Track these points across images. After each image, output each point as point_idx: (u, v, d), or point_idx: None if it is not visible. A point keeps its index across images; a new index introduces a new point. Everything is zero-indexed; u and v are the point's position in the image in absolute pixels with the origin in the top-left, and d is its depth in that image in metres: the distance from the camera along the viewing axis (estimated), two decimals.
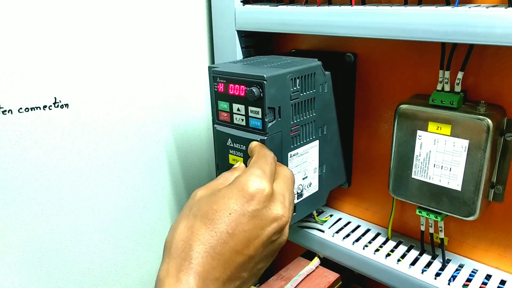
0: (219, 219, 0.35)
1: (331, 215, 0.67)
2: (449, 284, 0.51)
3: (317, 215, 0.65)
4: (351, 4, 0.50)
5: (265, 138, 0.47)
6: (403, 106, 0.51)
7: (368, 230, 0.62)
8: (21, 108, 0.50)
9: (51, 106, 0.52)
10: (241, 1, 0.61)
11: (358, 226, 0.63)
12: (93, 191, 0.60)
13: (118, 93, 0.59)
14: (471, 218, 0.49)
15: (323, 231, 0.62)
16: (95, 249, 0.62)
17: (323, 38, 0.61)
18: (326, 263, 0.63)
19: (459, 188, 0.48)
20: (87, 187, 0.59)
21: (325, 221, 0.64)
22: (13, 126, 0.50)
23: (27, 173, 0.52)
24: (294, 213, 0.54)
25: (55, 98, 0.52)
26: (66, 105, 0.53)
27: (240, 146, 0.50)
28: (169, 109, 0.67)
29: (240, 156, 0.50)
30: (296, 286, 0.59)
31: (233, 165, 0.51)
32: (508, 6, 0.41)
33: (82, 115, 0.56)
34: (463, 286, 0.50)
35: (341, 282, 0.62)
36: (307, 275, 0.61)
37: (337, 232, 0.62)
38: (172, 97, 0.67)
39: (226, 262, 0.34)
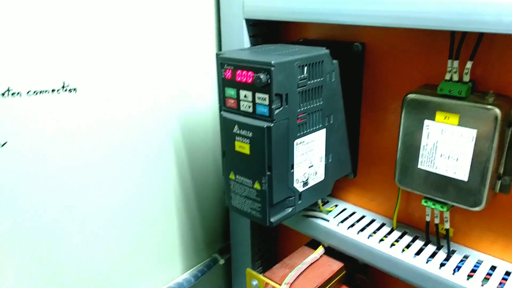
0: None
1: (336, 205, 0.67)
2: (453, 274, 0.51)
3: (322, 205, 0.65)
4: None
5: (272, 125, 0.47)
6: (411, 95, 0.50)
7: (373, 221, 0.62)
8: (29, 91, 0.50)
9: (59, 90, 0.53)
10: None
11: (363, 217, 0.63)
12: (100, 176, 0.60)
13: (126, 80, 0.60)
14: (477, 209, 0.49)
15: (328, 221, 0.62)
16: (99, 230, 0.63)
17: (331, 28, 0.61)
18: (331, 252, 0.63)
19: (465, 179, 0.48)
20: (94, 172, 0.59)
21: (330, 211, 0.65)
22: (22, 108, 0.50)
23: (33, 155, 0.53)
24: (300, 201, 0.55)
25: (63, 82, 0.53)
26: (74, 89, 0.54)
27: (247, 133, 0.50)
28: (176, 98, 0.67)
29: (247, 143, 0.50)
30: (300, 274, 0.59)
31: (239, 152, 0.52)
32: None
33: (89, 100, 0.56)
34: (467, 276, 0.50)
35: (345, 271, 0.62)
36: (311, 263, 0.61)
37: (342, 221, 0.62)
38: (179, 86, 0.67)
39: None
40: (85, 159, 0.58)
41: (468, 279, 0.50)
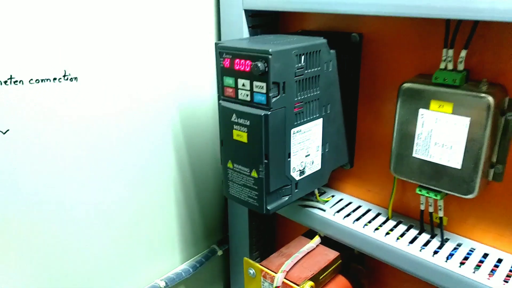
0: None
1: (333, 196, 0.68)
2: (446, 261, 0.52)
3: (319, 195, 0.66)
4: None
5: (269, 113, 0.48)
6: (406, 84, 0.51)
7: (368, 210, 0.63)
8: (31, 79, 0.51)
9: (60, 78, 0.53)
10: None
11: (359, 207, 0.64)
12: (99, 165, 0.61)
13: (127, 70, 0.60)
14: (470, 196, 0.49)
15: (324, 210, 0.63)
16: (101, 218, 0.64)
17: (330, 18, 0.62)
18: (327, 242, 0.64)
19: (459, 167, 0.49)
20: (93, 161, 0.60)
21: (327, 201, 0.65)
22: (24, 96, 0.51)
23: (34, 142, 0.53)
24: (296, 190, 0.55)
25: (64, 71, 0.54)
26: (76, 78, 0.55)
27: (244, 122, 0.51)
28: (176, 88, 0.68)
29: (244, 132, 0.51)
30: (296, 263, 0.60)
31: (237, 141, 0.53)
32: None
33: (90, 89, 0.57)
34: (459, 264, 0.51)
35: (341, 261, 0.63)
36: (308, 252, 0.62)
37: (338, 211, 0.63)
38: (180, 76, 0.68)
39: None
40: (85, 147, 0.59)
41: (460, 266, 0.51)
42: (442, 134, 0.50)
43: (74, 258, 0.62)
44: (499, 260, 0.52)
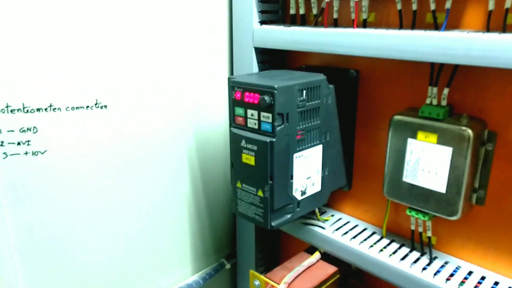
0: None
1: (332, 215, 0.73)
2: (433, 277, 0.57)
3: (320, 215, 0.71)
4: (353, 27, 0.58)
5: (274, 140, 0.55)
6: (396, 117, 0.58)
7: (365, 229, 0.69)
8: (68, 107, 0.59)
9: (92, 106, 0.61)
10: (258, 22, 0.69)
11: (356, 226, 0.70)
12: (123, 184, 0.68)
13: (150, 99, 0.68)
14: (454, 218, 0.55)
15: (324, 228, 0.68)
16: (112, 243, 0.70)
17: (330, 56, 0.69)
18: (327, 258, 0.70)
19: (443, 191, 0.55)
20: (118, 180, 0.67)
21: (327, 220, 0.71)
22: (61, 121, 0.58)
23: (68, 163, 0.61)
24: (298, 209, 0.62)
25: (96, 99, 0.61)
26: (105, 106, 0.62)
27: (252, 147, 0.57)
28: (193, 114, 0.75)
29: (252, 155, 0.58)
30: (297, 276, 0.65)
31: (246, 163, 0.59)
32: (486, 32, 0.48)
33: (118, 115, 0.64)
34: (446, 279, 0.56)
35: (339, 275, 0.68)
36: (308, 267, 0.68)
37: (337, 229, 0.68)
38: (197, 104, 0.76)
39: None
40: (111, 168, 0.66)
41: (446, 282, 0.56)
42: (428, 161, 0.56)
43: (95, 267, 0.68)
44: (483, 278, 0.57)
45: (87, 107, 0.60)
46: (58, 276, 0.64)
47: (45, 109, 0.57)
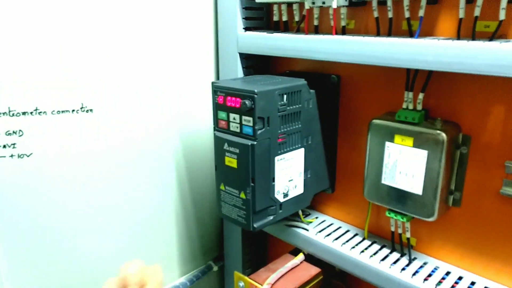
0: None
1: (316, 217, 0.75)
2: (412, 277, 0.58)
3: (304, 217, 0.73)
4: (332, 33, 0.59)
5: (255, 143, 0.56)
6: (374, 121, 0.59)
7: (347, 231, 0.70)
8: (53, 111, 0.60)
9: (78, 110, 0.62)
10: (243, 28, 0.71)
11: (339, 227, 0.71)
12: (109, 187, 0.69)
13: (136, 103, 0.69)
14: (431, 219, 0.56)
15: (307, 230, 0.70)
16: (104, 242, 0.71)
17: (313, 62, 0.71)
18: (310, 259, 0.71)
19: (420, 193, 0.56)
20: (104, 184, 0.68)
21: (311, 222, 0.72)
22: (47, 125, 0.60)
23: (54, 165, 0.62)
24: (281, 210, 0.63)
25: (82, 103, 0.63)
26: (91, 110, 0.64)
27: (235, 150, 0.59)
28: (180, 119, 0.77)
29: (234, 158, 0.59)
30: (281, 277, 0.66)
31: (228, 166, 0.60)
32: (456, 39, 0.50)
33: (104, 119, 0.66)
34: (423, 279, 0.58)
35: (322, 277, 0.69)
36: (292, 268, 0.69)
37: (320, 231, 0.70)
38: (183, 109, 0.77)
39: None
40: (97, 170, 0.67)
41: (424, 281, 0.57)
42: (405, 164, 0.57)
43: (80, 271, 0.69)
44: (460, 278, 0.59)
45: (73, 111, 0.62)
46: (43, 276, 0.65)
47: (31, 113, 0.58)
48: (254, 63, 0.75)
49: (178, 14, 0.72)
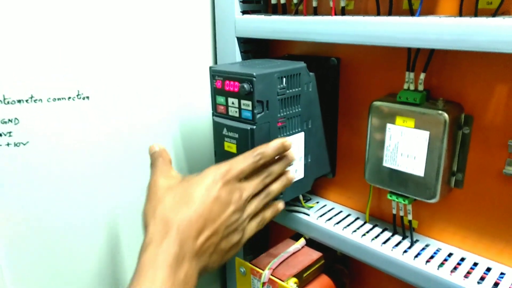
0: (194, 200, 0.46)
1: (317, 202, 0.74)
2: (414, 259, 0.58)
3: (305, 202, 0.72)
4: (331, 14, 0.58)
5: (254, 127, 0.55)
6: (375, 103, 0.58)
7: (348, 215, 0.70)
8: (49, 98, 0.59)
9: (74, 97, 0.61)
10: (240, 12, 0.70)
11: (340, 212, 0.71)
12: (106, 177, 0.69)
13: (134, 90, 0.68)
14: (433, 201, 0.56)
15: (308, 215, 0.69)
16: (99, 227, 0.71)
17: (312, 45, 0.70)
18: (312, 244, 0.71)
19: (422, 174, 0.56)
20: (101, 174, 0.68)
21: (312, 207, 0.72)
22: (42, 113, 0.59)
23: (50, 154, 0.61)
24: (282, 195, 0.62)
25: (78, 91, 0.62)
26: (88, 97, 0.63)
27: (234, 135, 0.58)
28: (179, 106, 0.76)
29: (233, 143, 0.58)
30: (282, 262, 0.66)
31: (228, 151, 0.60)
32: (459, 16, 0.49)
33: (101, 107, 0.65)
34: (426, 261, 0.57)
35: (323, 261, 0.69)
36: (293, 253, 0.69)
37: (321, 216, 0.69)
38: (182, 95, 0.76)
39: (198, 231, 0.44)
40: (95, 160, 0.66)
41: (426, 263, 0.57)
42: (407, 146, 0.56)
43: (69, 262, 0.68)
44: (462, 259, 0.58)
45: (69, 98, 0.61)
46: (39, 266, 0.64)
47: (26, 101, 0.57)
48: (252, 48, 0.74)
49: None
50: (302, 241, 0.70)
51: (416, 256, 0.58)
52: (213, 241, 0.46)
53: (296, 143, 0.62)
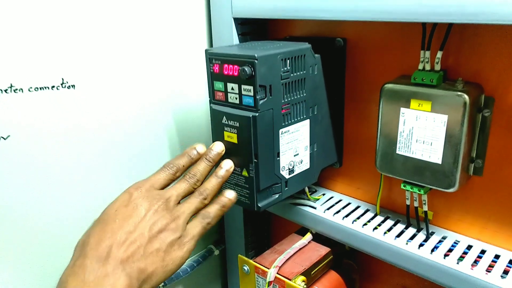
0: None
1: (323, 194, 0.70)
2: (431, 253, 0.54)
3: (310, 194, 0.68)
4: None
5: (257, 114, 0.51)
6: (387, 85, 0.54)
7: (358, 207, 0.65)
8: (31, 87, 0.54)
9: (58, 86, 0.56)
10: None
11: (349, 204, 0.67)
12: (96, 170, 0.64)
13: (123, 77, 0.63)
14: (451, 190, 0.52)
15: (315, 208, 0.65)
16: None
17: (315, 24, 0.65)
18: (319, 238, 0.67)
19: (439, 162, 0.51)
20: (90, 166, 0.63)
21: (318, 199, 0.68)
22: (24, 103, 0.53)
23: (34, 148, 0.56)
24: (286, 188, 0.58)
25: (62, 79, 0.56)
26: (73, 86, 0.57)
27: (234, 123, 0.53)
28: (171, 94, 0.71)
29: (234, 133, 0.54)
30: (288, 259, 0.62)
31: (228, 142, 0.55)
32: None
33: (87, 96, 0.59)
34: (444, 255, 0.53)
35: (332, 256, 0.65)
36: (300, 248, 0.64)
37: (328, 209, 0.65)
38: (174, 82, 0.71)
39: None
40: (81, 152, 0.61)
41: (444, 257, 0.53)
42: (422, 131, 0.52)
43: (53, 255, 0.63)
44: (483, 251, 0.54)
45: (53, 87, 0.56)
46: (19, 259, 0.59)
47: (5, 90, 0.52)
48: (250, 29, 0.68)
49: None
50: (308, 236, 0.66)
51: (433, 250, 0.54)
52: (134, 244, 0.45)
53: (301, 131, 0.57)
